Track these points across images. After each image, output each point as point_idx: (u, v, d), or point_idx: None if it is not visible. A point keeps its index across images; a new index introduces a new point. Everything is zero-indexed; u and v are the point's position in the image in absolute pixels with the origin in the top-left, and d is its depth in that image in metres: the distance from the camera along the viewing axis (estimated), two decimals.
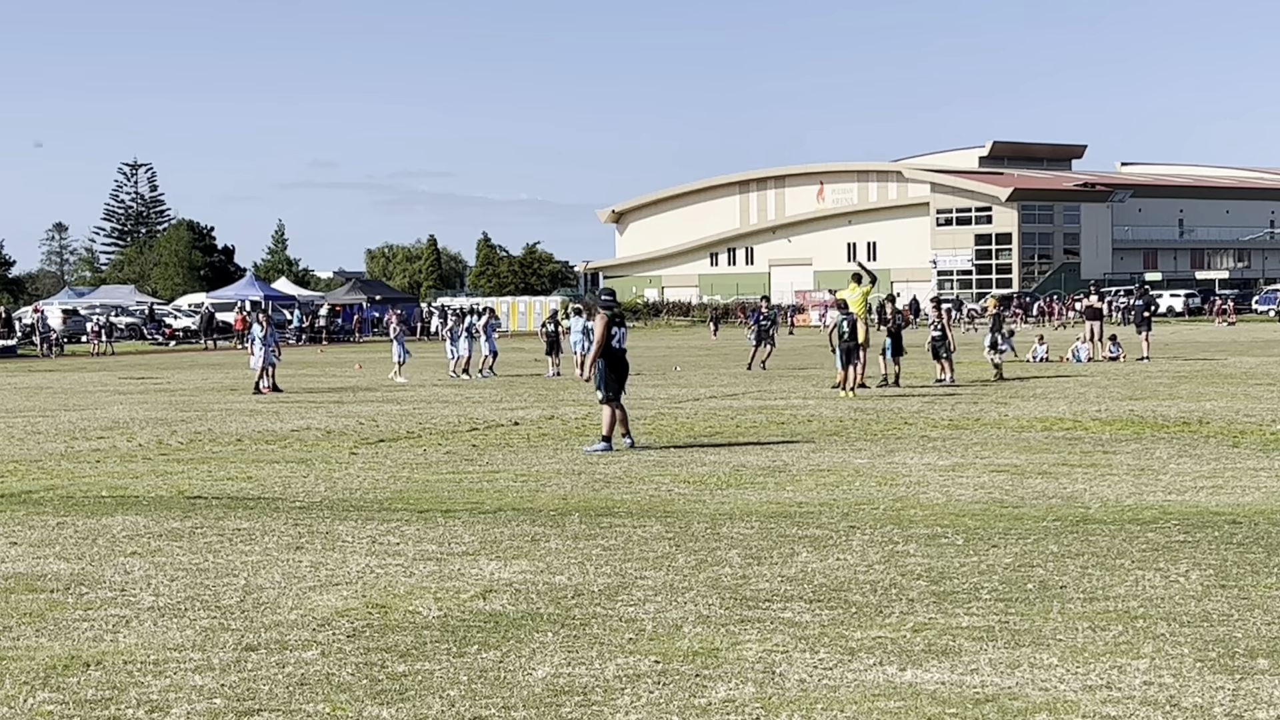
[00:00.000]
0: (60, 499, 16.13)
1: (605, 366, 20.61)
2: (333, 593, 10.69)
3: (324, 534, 13.33)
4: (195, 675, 8.39)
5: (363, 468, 18.67)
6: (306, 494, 16.23)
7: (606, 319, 20.67)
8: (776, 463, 18.51)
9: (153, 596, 10.64)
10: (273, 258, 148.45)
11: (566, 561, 11.79)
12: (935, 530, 13.05)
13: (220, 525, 13.94)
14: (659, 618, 9.71)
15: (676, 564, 11.61)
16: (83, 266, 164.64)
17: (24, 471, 18.84)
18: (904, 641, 8.97)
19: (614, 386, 20.58)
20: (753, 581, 10.87)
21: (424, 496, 15.85)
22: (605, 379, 20.58)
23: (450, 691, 7.99)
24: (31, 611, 10.15)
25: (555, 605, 10.16)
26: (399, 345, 40.64)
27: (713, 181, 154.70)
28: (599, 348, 20.66)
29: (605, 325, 20.63)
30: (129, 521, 14.28)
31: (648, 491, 16.01)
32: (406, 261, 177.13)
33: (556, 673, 8.36)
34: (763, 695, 7.87)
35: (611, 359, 20.67)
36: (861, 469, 17.72)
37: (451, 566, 11.66)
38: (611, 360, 20.67)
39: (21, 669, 8.53)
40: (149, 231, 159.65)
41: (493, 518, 14.20)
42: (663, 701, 7.78)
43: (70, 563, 12.05)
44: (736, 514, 14.21)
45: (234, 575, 11.41)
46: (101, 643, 9.22)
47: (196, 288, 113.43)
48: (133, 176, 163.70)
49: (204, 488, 16.91)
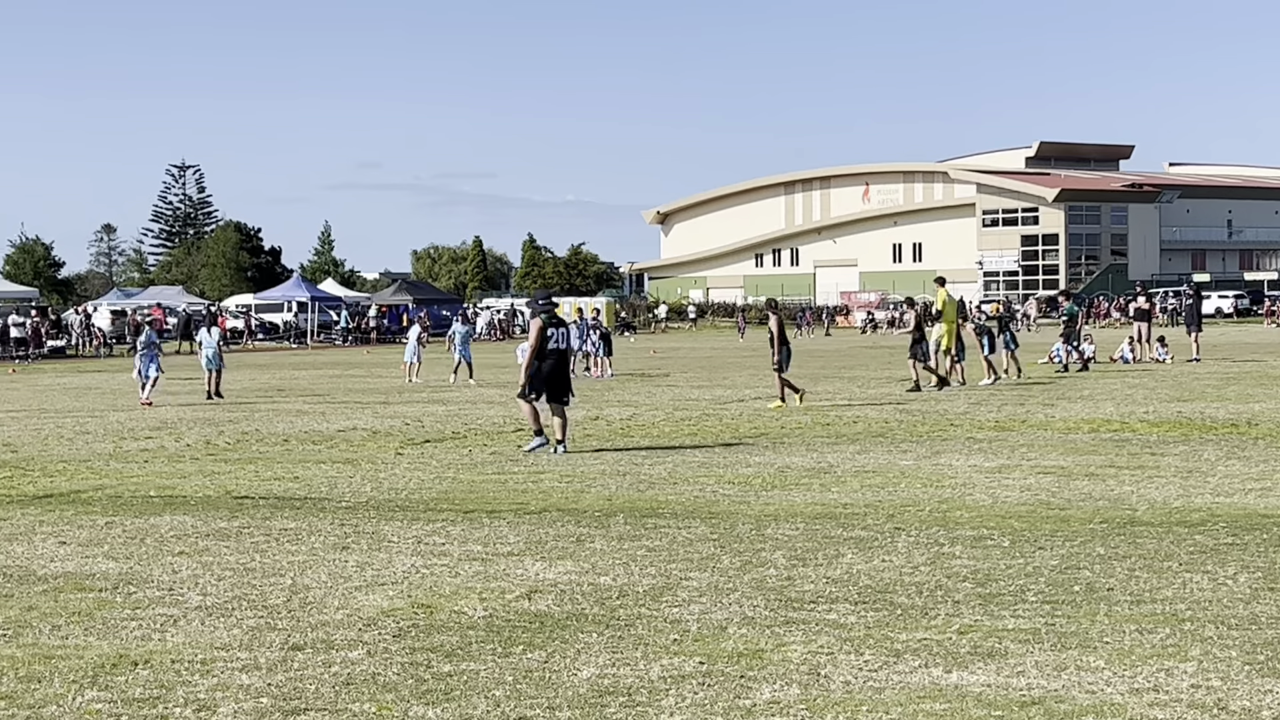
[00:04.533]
0: (109, 499, 16.23)
1: (541, 367, 20.52)
2: (378, 593, 10.72)
3: (370, 534, 13.38)
4: (242, 674, 8.43)
5: (408, 468, 18.72)
6: (353, 494, 16.28)
7: (541, 324, 20.59)
8: (822, 464, 18.47)
9: (200, 596, 10.70)
10: (319, 259, 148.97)
11: (611, 562, 11.79)
12: (981, 532, 13.00)
13: (267, 525, 14.00)
14: (704, 619, 9.71)
15: (721, 565, 11.60)
16: (131, 268, 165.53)
17: (73, 471, 18.96)
18: (949, 644, 8.94)
19: (541, 387, 20.54)
20: (798, 583, 10.85)
21: (469, 497, 15.88)
22: (535, 379, 20.51)
23: (495, 691, 8.01)
24: (80, 610, 10.22)
25: (600, 606, 10.16)
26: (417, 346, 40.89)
27: (758, 182, 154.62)
28: (533, 353, 20.60)
29: (540, 330, 20.56)
30: (177, 521, 14.36)
31: (693, 492, 16.01)
32: (452, 263, 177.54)
33: (601, 673, 8.36)
34: (808, 697, 7.86)
35: (551, 359, 20.61)
36: (907, 470, 17.67)
37: (496, 567, 11.68)
38: (551, 360, 20.61)
39: (70, 668, 8.59)
40: (197, 233, 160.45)
41: (538, 518, 14.22)
42: (707, 703, 7.78)
43: (118, 562, 12.12)
44: (781, 515, 14.19)
45: (281, 575, 11.46)
46: (149, 642, 9.27)
47: (244, 289, 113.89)
48: (181, 178, 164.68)
49: (251, 488, 16.99)
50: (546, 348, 20.63)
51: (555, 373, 20.69)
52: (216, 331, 35.13)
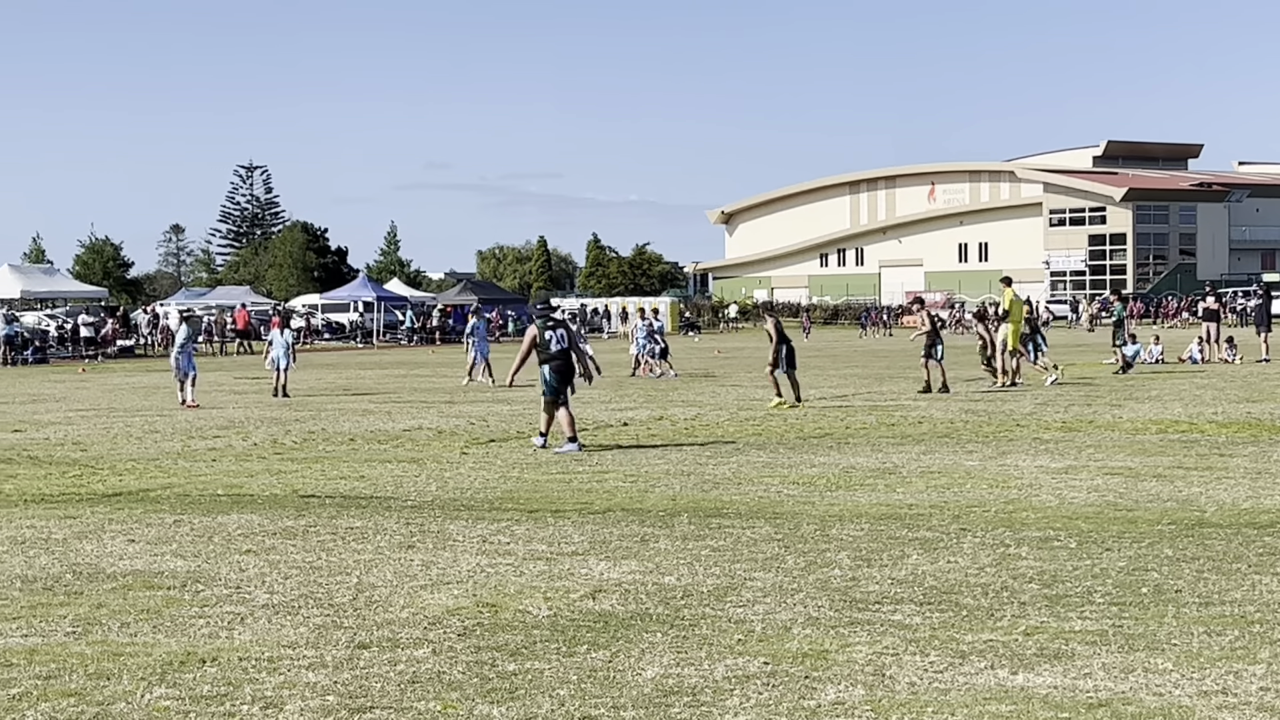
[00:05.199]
0: (177, 497, 16.35)
1: (549, 369, 21.08)
2: (444, 591, 10.76)
3: (435, 533, 13.43)
4: (308, 672, 8.48)
5: (473, 467, 18.78)
6: (418, 493, 16.35)
7: (536, 329, 21.43)
8: (887, 464, 18.42)
9: (267, 594, 10.76)
10: (385, 259, 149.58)
11: (675, 562, 11.80)
12: (1048, 533, 12.93)
13: (333, 524, 14.08)
14: (768, 619, 9.70)
15: (786, 565, 11.58)
16: (199, 268, 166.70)
17: (142, 470, 19.12)
18: (1016, 645, 8.90)
19: (556, 388, 21.06)
20: (862, 584, 10.83)
21: (534, 496, 15.92)
22: (549, 382, 21.05)
23: (560, 691, 8.02)
24: (149, 608, 10.30)
25: (664, 606, 10.17)
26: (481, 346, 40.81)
27: (823, 182, 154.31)
28: (522, 358, 21.57)
29: (532, 337, 21.41)
30: (244, 520, 14.45)
31: (757, 493, 15.99)
32: (517, 263, 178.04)
33: (666, 673, 8.36)
34: (872, 698, 7.84)
35: (559, 359, 21.17)
36: (973, 471, 17.60)
37: (561, 566, 11.70)
38: (558, 361, 21.16)
39: (139, 665, 8.66)
40: (264, 233, 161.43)
41: (602, 518, 14.24)
42: (772, 703, 7.77)
43: (187, 560, 12.21)
44: (846, 516, 14.15)
45: (347, 573, 11.51)
46: (217, 639, 9.34)
47: (310, 289, 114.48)
48: (248, 179, 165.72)
49: (317, 487, 17.08)
50: (551, 349, 21.22)
51: (564, 371, 21.27)
52: (289, 331, 35.96)
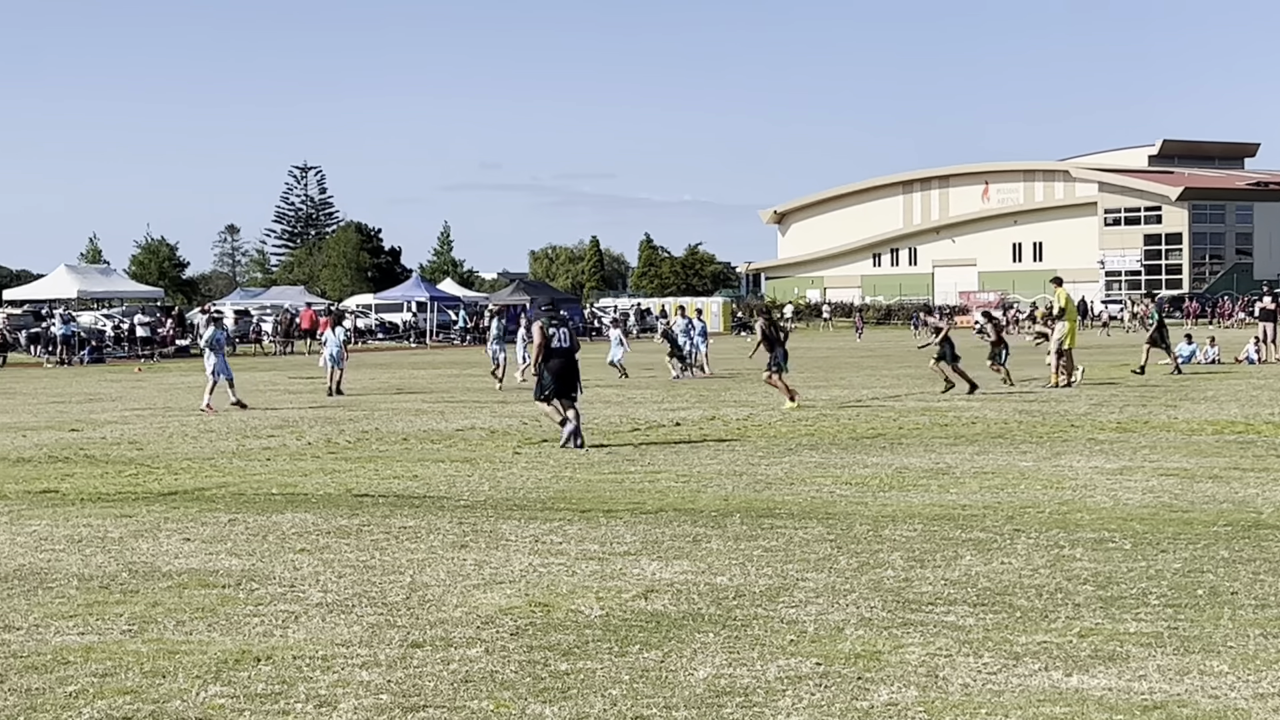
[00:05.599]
0: (232, 496, 16.44)
1: (548, 366, 21.63)
2: (496, 591, 10.79)
3: (488, 533, 13.46)
4: (362, 671, 8.52)
5: (526, 467, 18.81)
6: (471, 493, 16.39)
7: (542, 326, 21.89)
8: (940, 465, 18.35)
9: (321, 593, 10.81)
10: (438, 259, 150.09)
11: (728, 562, 11.79)
12: (1102, 534, 12.86)
13: (387, 523, 14.13)
14: (821, 620, 9.68)
15: (838, 566, 11.56)
16: (254, 268, 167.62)
17: (197, 469, 19.23)
18: (1070, 647, 8.86)
19: (554, 387, 21.60)
20: (915, 584, 10.79)
21: (586, 496, 15.94)
22: (544, 379, 21.66)
23: (612, 690, 8.03)
24: (204, 606, 10.36)
25: (717, 606, 10.16)
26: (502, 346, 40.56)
27: (876, 181, 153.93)
28: (538, 353, 21.88)
29: (542, 332, 21.81)
30: (298, 519, 14.52)
31: (809, 493, 15.96)
32: (569, 262, 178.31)
33: (718, 673, 8.36)
34: (925, 699, 7.81)
35: (559, 358, 21.65)
36: (1027, 472, 17.51)
37: (613, 566, 11.71)
38: (558, 359, 21.65)
39: (194, 663, 8.71)
40: (318, 233, 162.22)
41: (654, 518, 14.24)
42: (824, 704, 7.75)
43: (241, 559, 12.28)
44: (899, 516, 14.11)
45: (400, 572, 11.55)
46: (271, 638, 9.39)
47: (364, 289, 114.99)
48: (302, 179, 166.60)
49: (371, 486, 17.14)
50: (552, 347, 21.69)
51: (563, 371, 21.67)
52: (341, 331, 36.42)
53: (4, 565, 12.10)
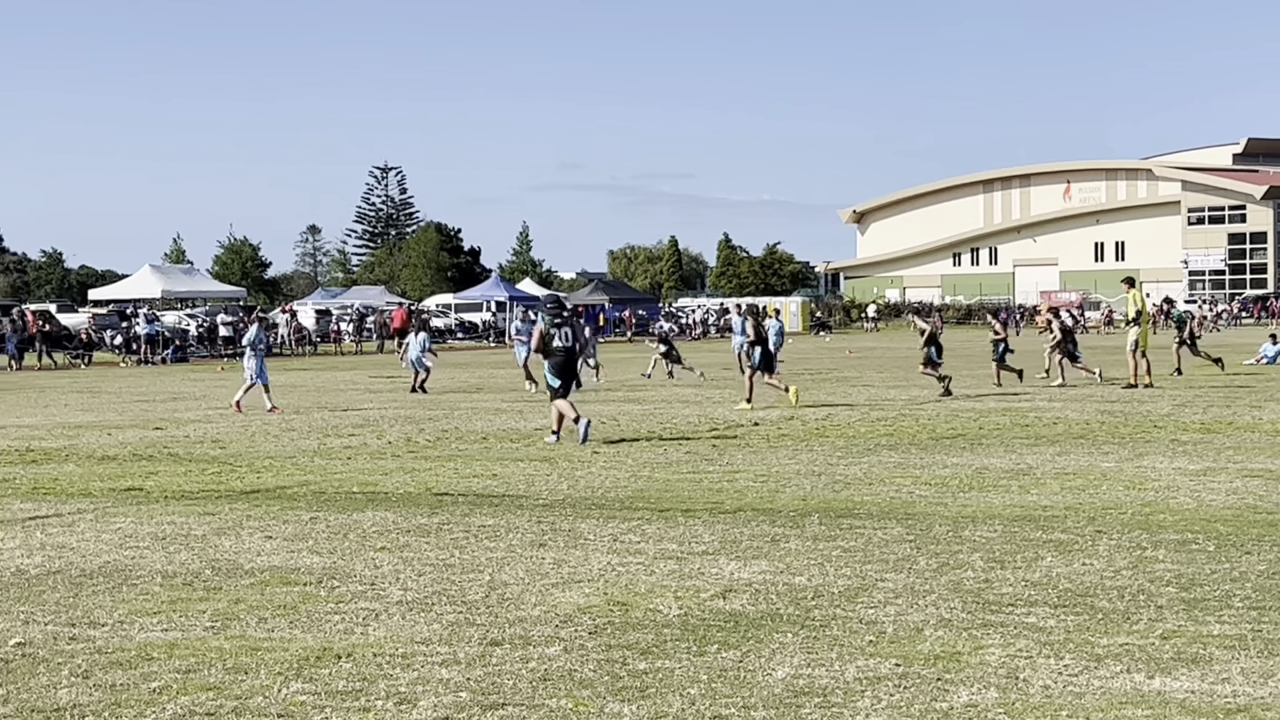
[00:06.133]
0: (313, 494, 16.56)
1: (551, 365, 22.42)
2: (575, 590, 10.81)
3: (566, 531, 13.49)
4: (442, 669, 8.56)
5: (604, 466, 18.84)
6: (549, 492, 16.43)
7: (542, 328, 22.54)
8: (1020, 465, 18.25)
9: (401, 591, 10.87)
10: (517, 259, 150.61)
11: (806, 562, 11.77)
12: (1185, 536, 12.74)
13: (466, 522, 14.19)
14: (900, 620, 9.65)
15: (918, 566, 11.51)
16: (335, 268, 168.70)
17: (279, 467, 19.38)
18: (1152, 649, 8.79)
19: (559, 385, 22.34)
20: (995, 585, 10.74)
21: (664, 496, 15.95)
22: (551, 378, 22.41)
23: (690, 690, 8.03)
24: (286, 604, 10.45)
25: (795, 606, 10.15)
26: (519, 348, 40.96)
27: (956, 180, 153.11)
28: (533, 351, 22.68)
29: (541, 334, 22.50)
30: (378, 517, 14.61)
31: (888, 493, 15.91)
32: (648, 262, 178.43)
33: (796, 673, 8.35)
34: (1005, 701, 7.77)
35: (560, 356, 22.38)
36: (1108, 473, 17.38)
37: (691, 566, 11.71)
38: (560, 357, 22.39)
39: (276, 660, 8.79)
40: (398, 233, 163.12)
41: (733, 518, 14.23)
42: (904, 705, 7.73)
43: (322, 557, 12.37)
44: (979, 517, 14.04)
45: (479, 571, 11.60)
46: (352, 635, 9.45)
47: (444, 288, 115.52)
48: (383, 180, 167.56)
49: (450, 484, 17.22)
50: (553, 346, 22.40)
51: (566, 367, 22.43)
52: (424, 334, 37.10)
53: (90, 562, 12.24)
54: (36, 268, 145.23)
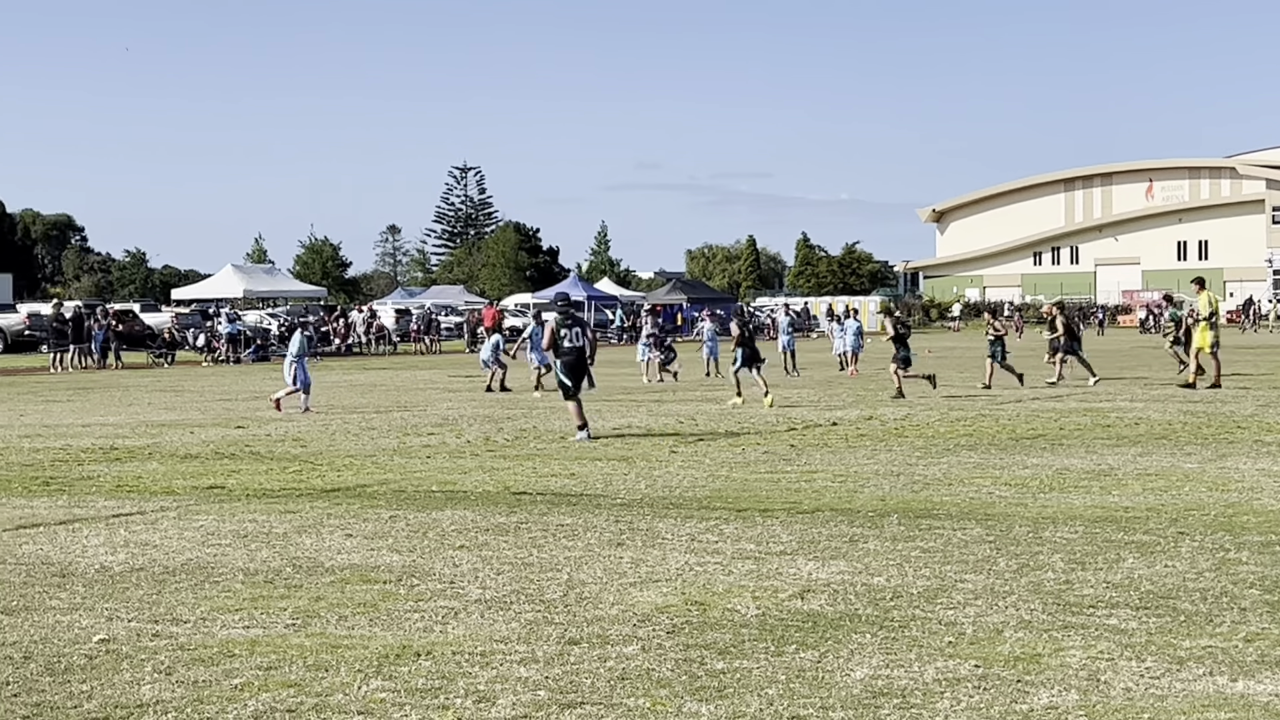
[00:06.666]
0: (393, 493, 16.65)
1: (561, 364, 22.93)
2: (653, 589, 10.82)
3: (644, 531, 13.51)
4: (520, 667, 8.58)
5: (682, 466, 18.85)
6: (627, 491, 16.45)
7: (554, 325, 23.06)
8: (1101, 466, 18.11)
9: (480, 589, 10.92)
10: (595, 258, 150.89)
11: (885, 563, 11.73)
12: (1269, 538, 12.61)
13: (544, 521, 14.23)
14: (979, 621, 9.60)
15: (997, 568, 11.45)
16: (414, 267, 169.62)
17: (359, 466, 19.50)
18: (1235, 651, 8.70)
19: (570, 384, 22.81)
20: (1076, 587, 10.66)
21: (742, 495, 15.93)
22: (563, 377, 22.92)
23: (768, 690, 8.02)
24: (365, 602, 10.51)
25: (873, 606, 10.12)
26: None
27: (1036, 179, 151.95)
28: (546, 347, 23.30)
29: (553, 331, 23.04)
30: (458, 516, 14.67)
31: (968, 494, 15.83)
32: (726, 262, 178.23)
33: (875, 674, 8.32)
34: (1086, 703, 7.72)
35: (571, 356, 22.88)
36: (1191, 474, 17.22)
37: (769, 565, 11.70)
38: (570, 357, 22.87)
39: (356, 657, 8.84)
40: (477, 233, 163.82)
41: (810, 518, 14.20)
42: (983, 706, 7.69)
43: (402, 555, 12.43)
44: (1060, 518, 13.95)
45: (557, 570, 11.63)
46: (431, 633, 9.50)
47: (522, 288, 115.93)
48: (462, 180, 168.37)
49: (529, 484, 17.27)
50: (564, 345, 22.88)
51: (576, 367, 22.94)
52: (497, 335, 37.43)
53: (172, 559, 12.37)
54: (121, 268, 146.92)
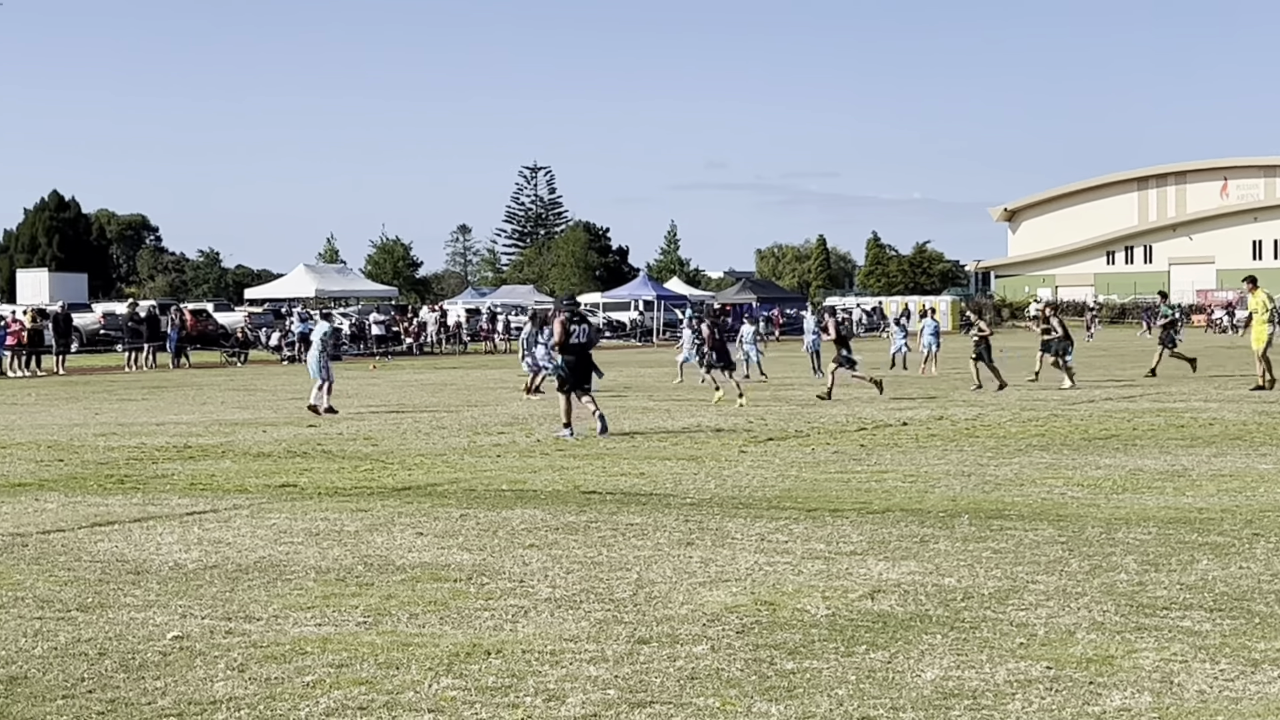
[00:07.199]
0: (463, 492, 16.71)
1: (565, 359, 23.39)
2: (722, 589, 10.82)
3: (714, 530, 13.50)
4: (590, 666, 8.60)
5: (751, 465, 18.82)
6: (697, 490, 16.44)
7: (564, 319, 23.63)
8: (1175, 467, 17.96)
9: (549, 588, 10.94)
10: (665, 258, 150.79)
11: (955, 563, 11.68)
12: None
13: (614, 520, 14.25)
14: (1051, 623, 9.54)
15: (1069, 569, 11.38)
16: (485, 267, 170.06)
17: (429, 465, 19.59)
18: None
19: (571, 379, 23.33)
20: (1149, 588, 10.58)
21: (812, 495, 15.90)
22: (564, 371, 23.41)
23: (838, 690, 8.00)
24: (436, 600, 10.56)
25: (944, 607, 10.07)
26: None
27: (1109, 178, 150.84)
28: (559, 344, 23.57)
29: (564, 325, 23.52)
30: (527, 515, 14.71)
31: (1039, 494, 15.73)
32: (796, 261, 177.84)
33: (946, 675, 8.29)
34: (1160, 705, 7.66)
35: (573, 354, 23.39)
36: (1266, 475, 17.05)
37: (839, 566, 11.67)
38: (573, 355, 23.38)
39: (427, 655, 8.88)
40: (547, 233, 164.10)
41: (881, 518, 14.16)
42: (1055, 708, 7.64)
43: (472, 554, 12.48)
44: (1132, 519, 13.85)
45: (627, 569, 11.64)
46: (501, 632, 9.52)
47: (592, 288, 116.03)
48: (532, 179, 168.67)
49: (598, 483, 17.30)
50: (570, 343, 23.36)
51: (579, 364, 23.47)
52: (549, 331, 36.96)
53: (245, 557, 12.46)
54: (194, 267, 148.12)
